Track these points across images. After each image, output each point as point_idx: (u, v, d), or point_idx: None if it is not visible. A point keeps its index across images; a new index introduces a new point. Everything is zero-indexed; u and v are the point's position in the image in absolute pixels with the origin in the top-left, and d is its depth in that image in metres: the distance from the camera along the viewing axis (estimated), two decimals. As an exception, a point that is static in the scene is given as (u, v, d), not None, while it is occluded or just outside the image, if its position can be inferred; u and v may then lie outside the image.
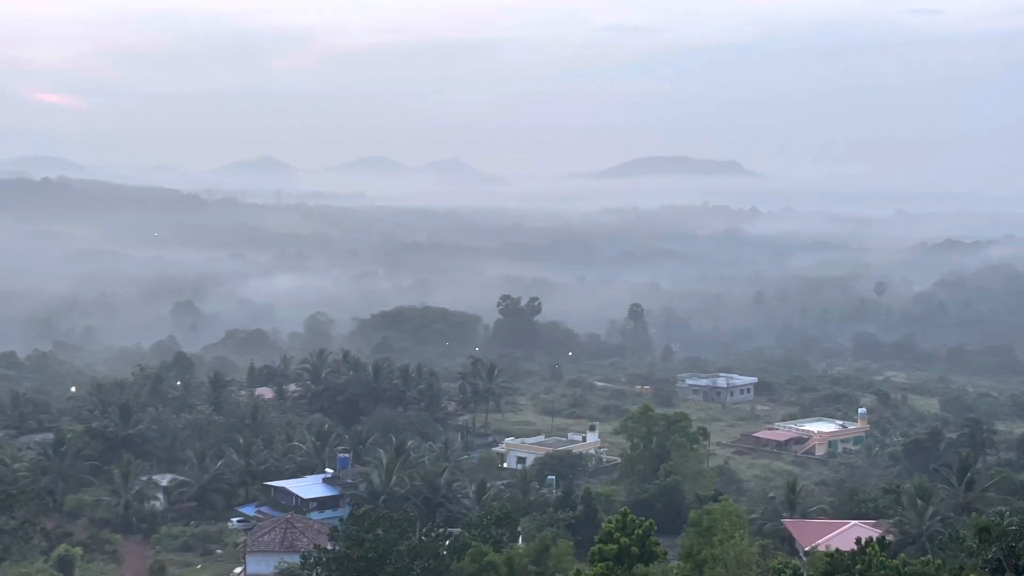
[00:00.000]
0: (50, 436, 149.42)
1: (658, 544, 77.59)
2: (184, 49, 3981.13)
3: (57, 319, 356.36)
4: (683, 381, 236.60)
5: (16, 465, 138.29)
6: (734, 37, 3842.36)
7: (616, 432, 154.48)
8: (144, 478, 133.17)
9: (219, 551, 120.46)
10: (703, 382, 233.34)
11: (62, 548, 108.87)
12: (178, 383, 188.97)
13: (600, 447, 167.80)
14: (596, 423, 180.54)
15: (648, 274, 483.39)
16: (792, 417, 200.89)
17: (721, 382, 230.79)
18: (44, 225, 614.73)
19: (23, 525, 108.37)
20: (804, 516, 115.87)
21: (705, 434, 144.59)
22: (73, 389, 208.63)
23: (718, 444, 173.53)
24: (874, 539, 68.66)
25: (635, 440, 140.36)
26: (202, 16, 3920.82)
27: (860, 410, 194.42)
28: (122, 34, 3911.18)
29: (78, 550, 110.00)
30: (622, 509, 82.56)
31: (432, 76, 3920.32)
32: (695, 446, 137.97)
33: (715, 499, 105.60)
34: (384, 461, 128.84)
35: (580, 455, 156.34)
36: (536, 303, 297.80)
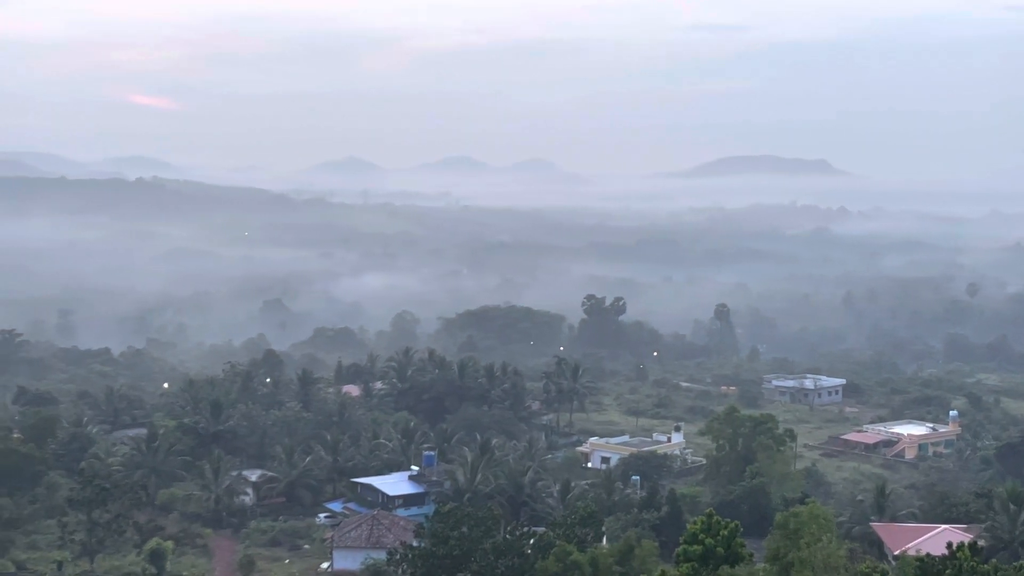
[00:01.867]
0: (143, 431, 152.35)
1: (744, 546, 77.00)
2: (275, 51, 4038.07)
3: (151, 317, 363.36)
4: (770, 382, 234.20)
5: (110, 460, 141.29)
6: (821, 35, 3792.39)
7: (701, 433, 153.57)
8: (234, 473, 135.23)
9: (306, 546, 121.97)
10: (790, 383, 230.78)
11: (154, 541, 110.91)
12: (267, 380, 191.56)
13: (685, 448, 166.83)
14: (681, 424, 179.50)
15: (735, 274, 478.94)
16: (881, 419, 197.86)
17: (809, 383, 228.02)
18: (138, 225, 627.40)
19: (117, 518, 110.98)
20: (893, 520, 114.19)
21: (792, 436, 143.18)
22: (166, 385, 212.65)
23: (805, 446, 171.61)
24: (965, 544, 67.50)
25: (721, 441, 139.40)
26: (292, 19, 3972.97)
27: (951, 413, 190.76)
28: (215, 37, 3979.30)
29: (169, 544, 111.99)
30: (708, 510, 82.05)
31: (518, 76, 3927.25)
32: (782, 448, 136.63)
33: (802, 501, 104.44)
34: (469, 459, 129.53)
35: (665, 456, 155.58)
36: (621, 303, 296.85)
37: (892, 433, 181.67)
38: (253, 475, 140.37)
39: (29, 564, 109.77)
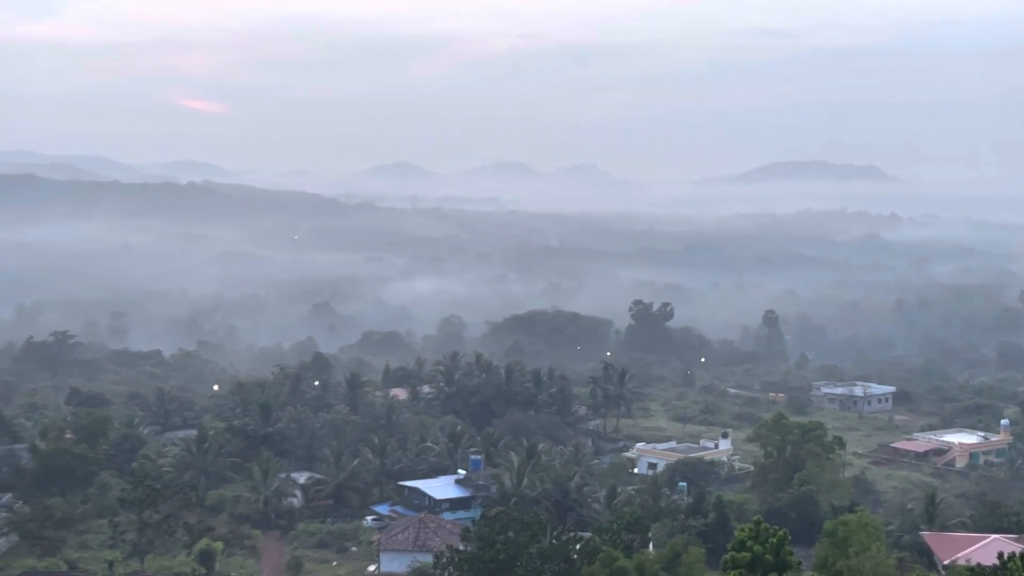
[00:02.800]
0: (193, 433, 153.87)
1: (792, 554, 76.58)
2: (325, 56, 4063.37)
3: (201, 319, 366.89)
4: (818, 389, 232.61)
5: (161, 461, 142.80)
6: (872, 40, 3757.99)
7: (749, 440, 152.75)
8: (283, 475, 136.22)
9: (354, 548, 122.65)
10: (839, 391, 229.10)
11: (204, 542, 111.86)
12: (316, 383, 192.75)
13: (732, 454, 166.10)
14: (729, 430, 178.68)
15: (784, 280, 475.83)
16: (932, 428, 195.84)
17: (858, 391, 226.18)
18: (190, 228, 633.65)
19: (167, 519, 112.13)
20: (943, 529, 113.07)
21: (841, 443, 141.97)
22: (216, 387, 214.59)
23: (854, 454, 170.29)
24: (1017, 554, 66.79)
25: (769, 448, 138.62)
26: (343, 23, 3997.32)
27: (1003, 421, 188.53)
28: (265, 41, 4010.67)
29: (219, 544, 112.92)
30: (755, 517, 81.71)
31: (566, 81, 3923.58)
32: (830, 456, 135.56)
33: (851, 510, 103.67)
34: (515, 464, 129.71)
35: (712, 462, 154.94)
36: (668, 308, 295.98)
37: (943, 442, 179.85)
38: (301, 477, 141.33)
39: (81, 563, 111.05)
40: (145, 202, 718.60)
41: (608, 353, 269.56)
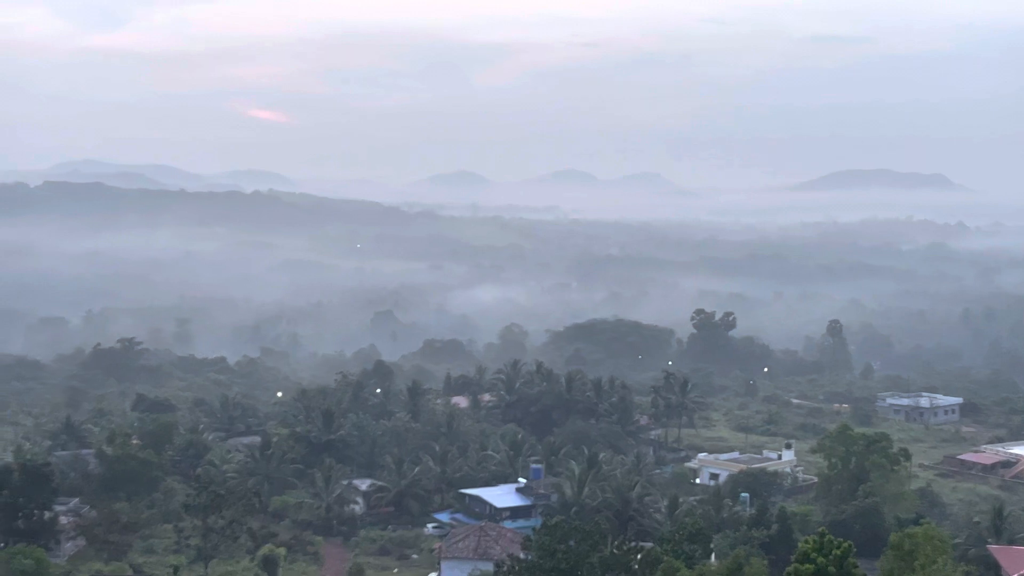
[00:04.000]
0: (257, 439, 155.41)
1: (856, 566, 75.60)
2: (388, 66, 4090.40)
3: (265, 326, 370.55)
4: (884, 400, 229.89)
5: (225, 467, 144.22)
6: (939, 46, 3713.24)
7: (813, 451, 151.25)
8: (345, 482, 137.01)
9: (415, 556, 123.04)
10: (905, 401, 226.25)
11: (267, 548, 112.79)
12: (378, 390, 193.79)
13: (796, 466, 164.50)
14: (792, 441, 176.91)
15: (848, 290, 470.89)
16: (999, 440, 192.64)
17: (924, 402, 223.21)
18: (255, 236, 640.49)
19: (231, 524, 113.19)
20: (1011, 543, 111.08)
21: (906, 455, 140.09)
22: (279, 394, 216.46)
23: (920, 466, 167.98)
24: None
25: (833, 459, 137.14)
26: (406, 34, 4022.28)
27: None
28: (330, 52, 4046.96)
29: (282, 550, 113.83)
30: (820, 529, 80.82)
31: (629, 89, 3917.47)
32: (896, 467, 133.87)
33: (916, 522, 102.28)
34: (576, 473, 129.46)
35: (775, 473, 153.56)
36: (731, 318, 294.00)
37: (1010, 454, 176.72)
38: (363, 484, 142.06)
39: (146, 568, 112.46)
40: (211, 211, 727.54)
41: (670, 362, 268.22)
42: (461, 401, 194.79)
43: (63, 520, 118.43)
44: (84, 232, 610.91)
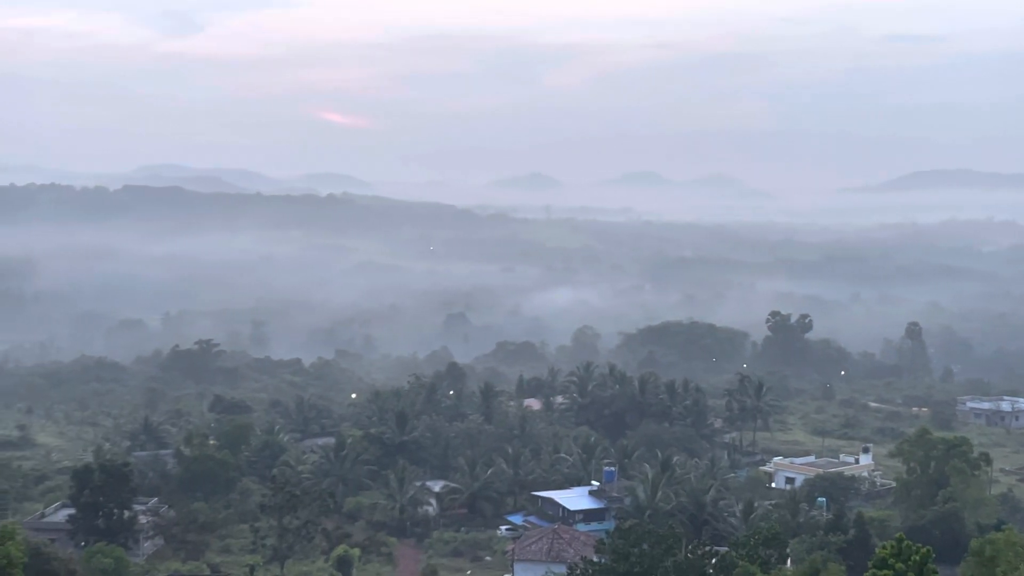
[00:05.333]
0: (332, 440, 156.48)
1: (936, 572, 74.22)
2: (460, 69, 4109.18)
3: (340, 328, 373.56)
4: (964, 404, 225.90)
5: (300, 467, 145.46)
6: (1015, 44, 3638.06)
7: (891, 455, 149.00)
8: (418, 483, 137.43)
9: (488, 558, 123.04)
10: (986, 405, 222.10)
11: (341, 548, 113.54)
12: (451, 392, 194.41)
13: (874, 470, 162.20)
14: (870, 445, 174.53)
15: (927, 292, 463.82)
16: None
17: (1006, 406, 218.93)
18: (329, 239, 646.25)
19: (306, 525, 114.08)
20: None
21: (987, 460, 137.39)
22: (353, 396, 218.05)
23: (1002, 471, 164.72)
24: None
25: (912, 464, 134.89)
26: (478, 37, 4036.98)
27: None
28: (403, 56, 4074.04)
29: (356, 551, 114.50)
30: (898, 534, 79.45)
31: (702, 90, 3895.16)
32: (976, 472, 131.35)
33: (998, 528, 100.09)
34: (649, 476, 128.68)
35: (852, 477, 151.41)
36: (807, 320, 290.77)
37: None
38: (436, 486, 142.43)
39: (223, 567, 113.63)
40: (287, 214, 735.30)
41: (744, 365, 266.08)
42: (534, 403, 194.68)
43: (142, 519, 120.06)
44: (163, 235, 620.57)
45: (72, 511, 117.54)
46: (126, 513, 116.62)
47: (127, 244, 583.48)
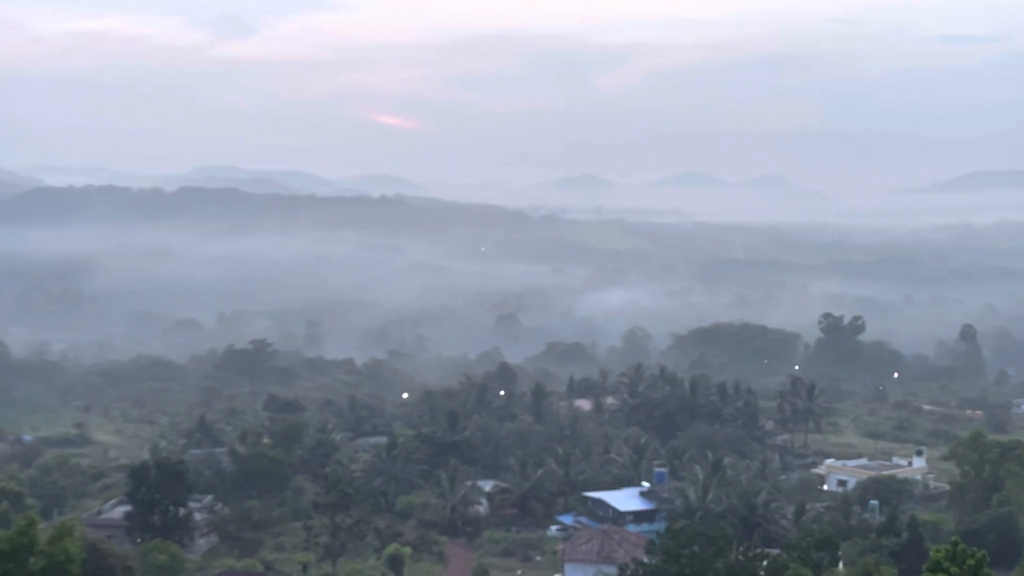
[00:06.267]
0: (384, 440, 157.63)
1: (990, 577, 73.75)
2: (511, 70, 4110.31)
3: (392, 329, 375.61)
4: (1019, 407, 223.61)
5: (353, 466, 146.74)
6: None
7: (945, 458, 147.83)
8: (469, 483, 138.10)
9: (538, 558, 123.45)
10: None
11: (393, 547, 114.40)
12: (501, 392, 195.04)
13: (927, 473, 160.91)
14: (923, 448, 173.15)
15: (982, 294, 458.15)
16: None
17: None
18: (382, 240, 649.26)
19: (358, 523, 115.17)
20: None
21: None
22: (405, 396, 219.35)
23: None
24: None
25: (965, 467, 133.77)
26: (529, 38, 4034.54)
27: None
28: (454, 57, 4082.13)
29: (407, 550, 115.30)
30: (952, 538, 79.04)
31: (754, 91, 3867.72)
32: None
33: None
34: (700, 477, 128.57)
35: (905, 480, 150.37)
36: (860, 322, 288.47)
37: None
38: (487, 485, 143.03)
39: (277, 565, 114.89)
40: (340, 215, 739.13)
41: (796, 367, 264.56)
42: (584, 404, 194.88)
43: (197, 517, 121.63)
44: (218, 236, 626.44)
45: (129, 508, 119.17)
46: (181, 510, 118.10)
47: (183, 245, 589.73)
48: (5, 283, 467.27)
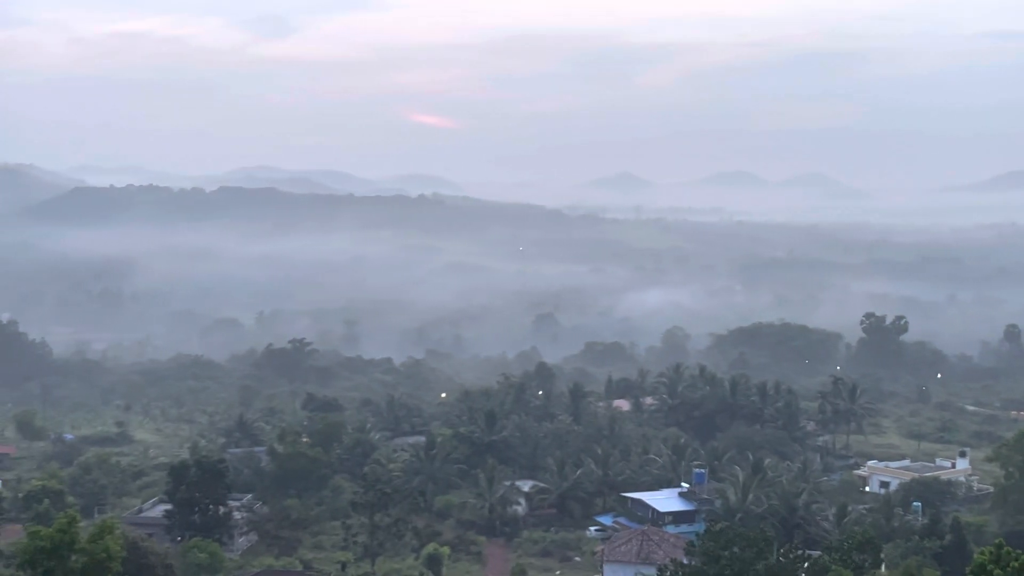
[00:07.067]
0: (422, 439, 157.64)
1: (1035, 581, 72.48)
2: (550, 69, 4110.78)
3: (430, 328, 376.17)
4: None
5: (391, 465, 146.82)
6: None
7: (988, 460, 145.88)
8: (507, 483, 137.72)
9: (577, 558, 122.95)
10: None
11: (431, 546, 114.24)
12: (540, 392, 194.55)
13: (971, 474, 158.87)
14: (966, 449, 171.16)
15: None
16: None
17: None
18: (420, 239, 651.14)
19: (397, 523, 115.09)
20: None
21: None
22: (443, 395, 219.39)
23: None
24: None
25: (1010, 469, 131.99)
26: (567, 37, 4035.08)
27: None
28: (493, 57, 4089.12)
29: (445, 549, 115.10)
30: (997, 540, 77.79)
31: (795, 89, 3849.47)
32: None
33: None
34: (740, 478, 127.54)
35: (948, 482, 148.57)
36: (902, 322, 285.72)
37: None
38: (525, 485, 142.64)
39: (315, 563, 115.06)
40: (378, 215, 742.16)
41: (838, 367, 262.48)
42: (623, 404, 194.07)
43: (236, 515, 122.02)
44: (258, 236, 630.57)
45: (169, 506, 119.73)
46: (221, 509, 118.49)
47: (223, 244, 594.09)
48: (47, 283, 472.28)
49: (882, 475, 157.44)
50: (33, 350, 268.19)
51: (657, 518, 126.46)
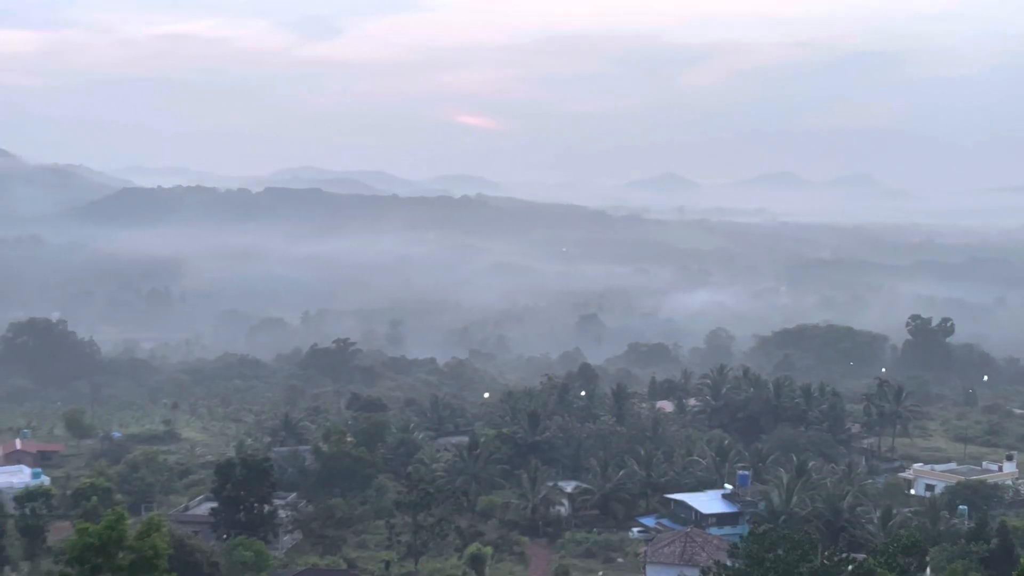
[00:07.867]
0: (465, 439, 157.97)
1: (1084, 586, 71.91)
2: (594, 69, 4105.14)
3: (473, 329, 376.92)
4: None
5: (434, 465, 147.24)
6: None
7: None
8: (550, 484, 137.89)
9: (620, 559, 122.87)
10: None
11: (474, 546, 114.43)
12: (583, 393, 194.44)
13: (1018, 478, 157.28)
14: (1014, 452, 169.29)
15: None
16: None
17: None
18: (464, 240, 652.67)
19: (440, 522, 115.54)
20: None
21: None
22: (486, 395, 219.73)
23: None
24: None
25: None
26: (611, 37, 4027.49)
27: None
28: (537, 58, 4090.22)
29: (488, 549, 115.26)
30: (1043, 546, 77.24)
31: (840, 89, 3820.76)
32: None
33: None
34: (784, 480, 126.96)
35: (995, 485, 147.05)
36: (949, 324, 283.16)
37: None
38: (568, 486, 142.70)
39: (359, 562, 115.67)
40: (422, 215, 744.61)
41: (883, 369, 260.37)
42: (666, 405, 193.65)
43: (281, 514, 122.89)
44: (303, 236, 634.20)
45: (214, 504, 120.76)
46: (266, 507, 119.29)
47: (269, 245, 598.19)
48: (96, 283, 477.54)
49: (928, 478, 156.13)
50: (82, 349, 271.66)
51: (700, 520, 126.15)
